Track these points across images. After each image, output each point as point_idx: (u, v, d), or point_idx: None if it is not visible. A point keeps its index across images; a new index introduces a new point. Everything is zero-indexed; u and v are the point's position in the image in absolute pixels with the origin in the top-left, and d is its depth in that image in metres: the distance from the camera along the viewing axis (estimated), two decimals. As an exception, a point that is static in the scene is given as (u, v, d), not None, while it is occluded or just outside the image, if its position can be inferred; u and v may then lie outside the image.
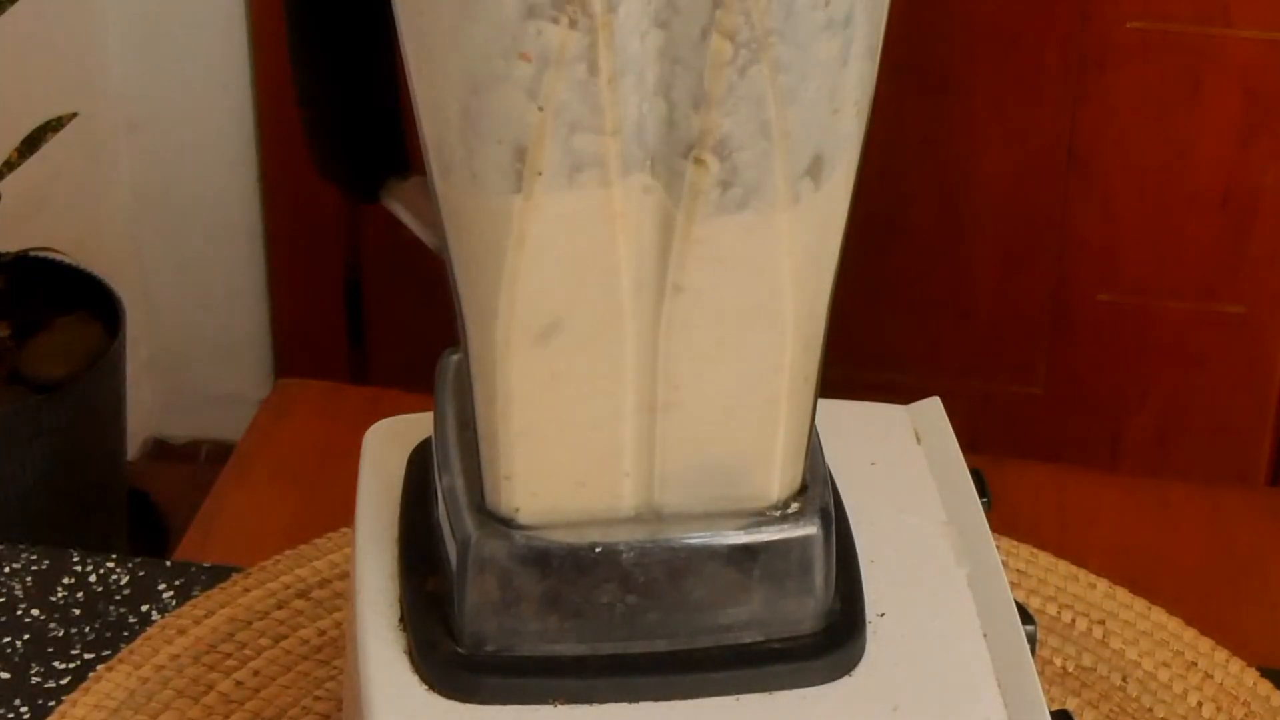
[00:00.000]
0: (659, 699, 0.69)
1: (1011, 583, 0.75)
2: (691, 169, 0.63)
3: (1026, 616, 0.73)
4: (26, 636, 0.97)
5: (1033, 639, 0.73)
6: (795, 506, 0.70)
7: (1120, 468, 1.94)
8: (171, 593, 0.99)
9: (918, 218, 1.90)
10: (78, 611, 0.98)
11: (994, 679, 0.71)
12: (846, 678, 0.71)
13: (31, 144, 1.67)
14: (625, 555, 0.69)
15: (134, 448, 2.05)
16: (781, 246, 0.65)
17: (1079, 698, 0.94)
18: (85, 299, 1.77)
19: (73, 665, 0.95)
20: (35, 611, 0.98)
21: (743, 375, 0.68)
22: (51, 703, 0.93)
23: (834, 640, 0.71)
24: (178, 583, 1.00)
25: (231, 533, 1.37)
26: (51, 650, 0.96)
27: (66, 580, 1.00)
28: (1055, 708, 0.71)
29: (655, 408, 0.68)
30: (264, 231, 2.05)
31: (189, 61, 1.96)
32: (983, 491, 0.79)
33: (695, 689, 0.70)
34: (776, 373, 0.68)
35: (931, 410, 0.83)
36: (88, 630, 0.97)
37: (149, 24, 1.95)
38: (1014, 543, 1.02)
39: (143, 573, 1.01)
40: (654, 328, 0.66)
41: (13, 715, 0.92)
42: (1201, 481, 1.73)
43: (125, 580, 1.00)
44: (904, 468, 0.81)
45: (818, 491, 0.71)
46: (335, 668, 0.94)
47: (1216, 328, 1.89)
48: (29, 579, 1.00)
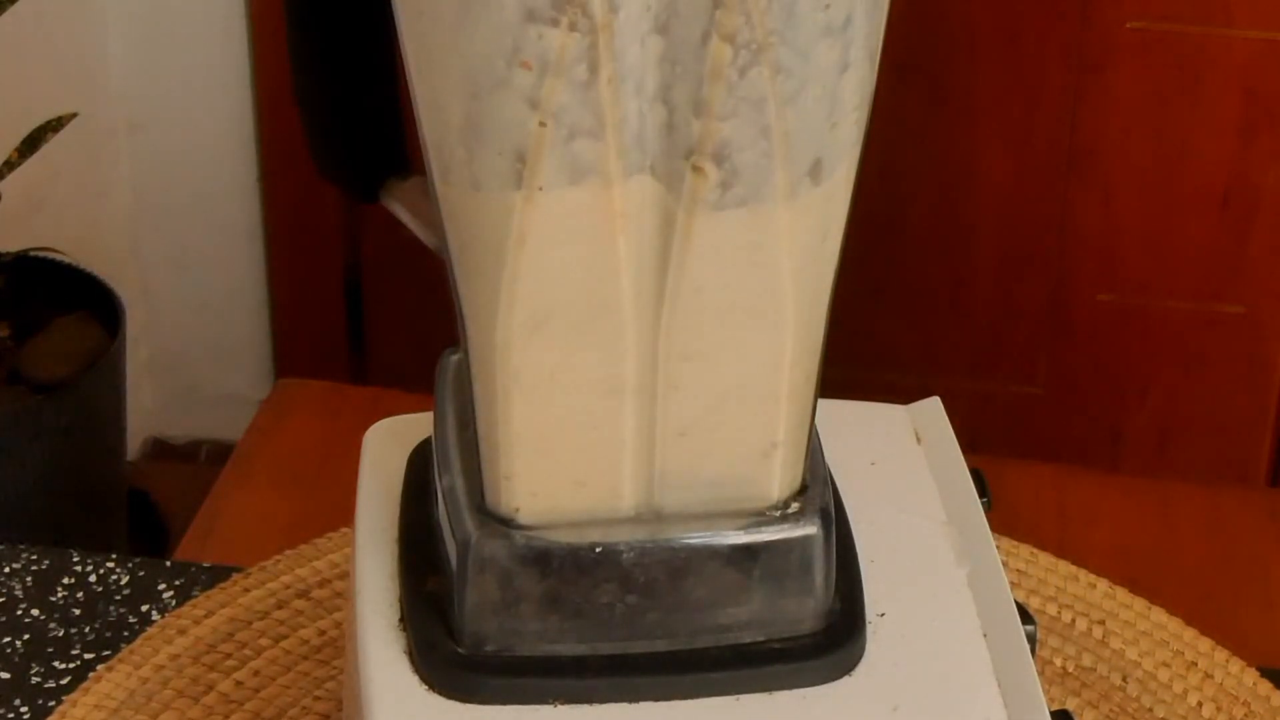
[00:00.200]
0: (659, 699, 0.69)
1: (1011, 583, 0.75)
2: (691, 175, 0.64)
3: (1026, 616, 0.73)
4: (26, 636, 0.97)
5: (1033, 639, 0.73)
6: (795, 506, 0.70)
7: (1120, 468, 1.94)
8: (171, 593, 0.99)
9: (918, 218, 1.90)
10: (78, 611, 0.98)
11: (994, 679, 0.71)
12: (846, 678, 0.71)
13: (31, 144, 1.67)
14: (625, 555, 0.69)
15: (134, 448, 2.05)
16: (782, 246, 0.65)
17: (1079, 698, 0.94)
18: (85, 299, 1.77)
19: (73, 665, 0.95)
20: (35, 611, 0.98)
21: (743, 375, 0.68)
22: (51, 703, 0.93)
23: (834, 640, 0.71)
24: (178, 583, 1.00)
25: (231, 533, 1.37)
26: (51, 650, 0.96)
27: (66, 580, 1.00)
28: (1055, 708, 0.71)
29: (655, 407, 0.68)
30: (264, 231, 2.04)
31: (189, 61, 1.96)
32: (983, 491, 0.79)
33: (695, 689, 0.70)
34: (776, 372, 0.68)
35: (931, 410, 0.83)
36: (88, 630, 0.97)
37: (149, 24, 1.95)
38: (1014, 543, 1.02)
39: (143, 573, 1.01)
40: (654, 327, 0.66)
41: (13, 715, 0.92)
42: (1201, 481, 1.73)
43: (125, 580, 1.00)
44: (904, 468, 0.81)
45: (818, 491, 0.71)
46: (335, 668, 0.94)
47: (1216, 328, 1.89)
48: (29, 579, 1.00)
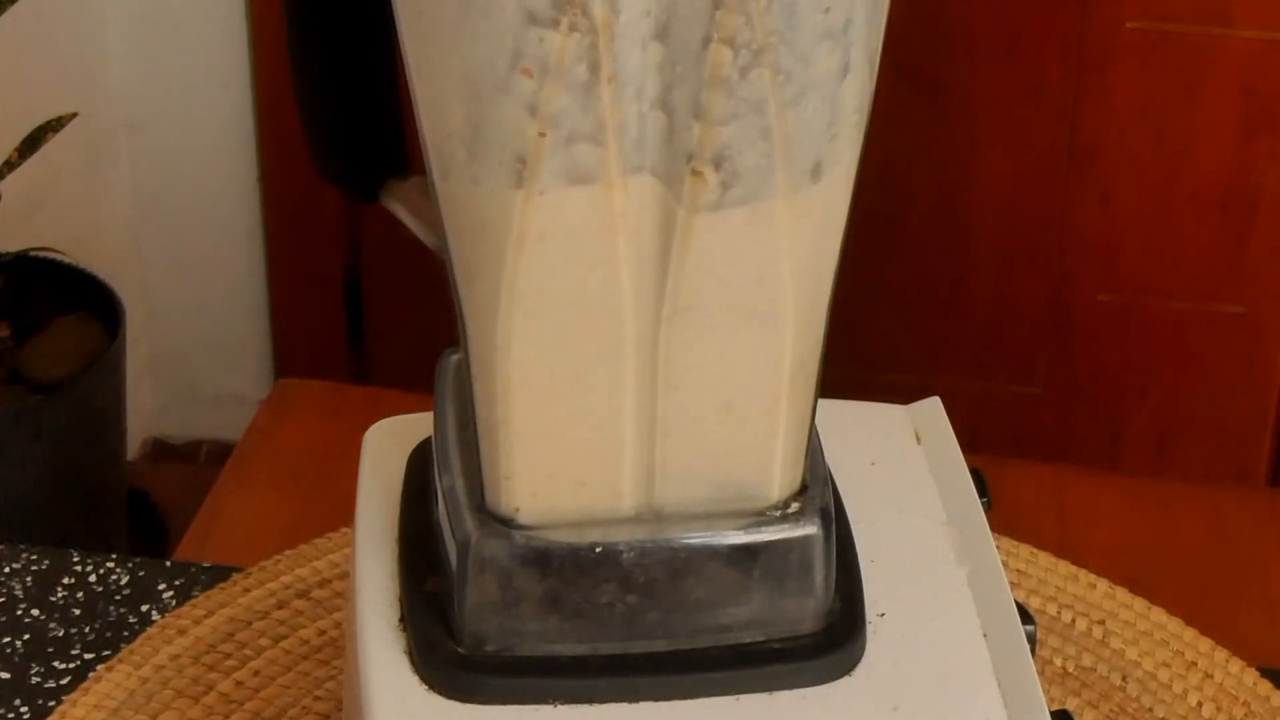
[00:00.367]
0: (659, 699, 0.69)
1: (1011, 583, 0.75)
2: (690, 178, 0.64)
3: (1026, 616, 0.73)
4: (26, 636, 0.97)
5: (1033, 639, 0.73)
6: (795, 506, 0.70)
7: (1120, 468, 1.94)
8: (171, 593, 0.99)
9: (918, 218, 1.90)
10: (78, 611, 0.98)
11: (994, 679, 0.71)
12: (846, 678, 0.71)
13: (31, 144, 1.67)
14: (625, 555, 0.69)
15: (134, 448, 2.05)
16: (782, 245, 0.65)
17: (1079, 698, 0.94)
18: (85, 299, 1.77)
19: (73, 665, 0.95)
20: (35, 611, 0.98)
21: (743, 375, 0.68)
22: (51, 703, 0.93)
23: (834, 640, 0.71)
24: (178, 583, 1.00)
25: (231, 533, 1.37)
26: (51, 650, 0.96)
27: (66, 580, 1.00)
28: (1055, 708, 0.71)
29: (655, 407, 0.68)
30: (264, 231, 2.04)
31: (189, 61, 1.96)
32: (983, 491, 0.79)
33: (695, 689, 0.70)
34: (776, 372, 0.68)
35: (931, 410, 0.83)
36: (88, 630, 0.97)
37: (149, 24, 1.95)
38: (1014, 543, 1.02)
39: (143, 573, 1.01)
40: (654, 327, 0.66)
41: (13, 715, 0.92)
42: (1201, 481, 1.73)
43: (125, 580, 1.00)
44: (904, 468, 0.81)
45: (818, 491, 0.71)
46: (335, 668, 0.94)
47: (1216, 328, 1.89)
48: (29, 579, 1.00)
